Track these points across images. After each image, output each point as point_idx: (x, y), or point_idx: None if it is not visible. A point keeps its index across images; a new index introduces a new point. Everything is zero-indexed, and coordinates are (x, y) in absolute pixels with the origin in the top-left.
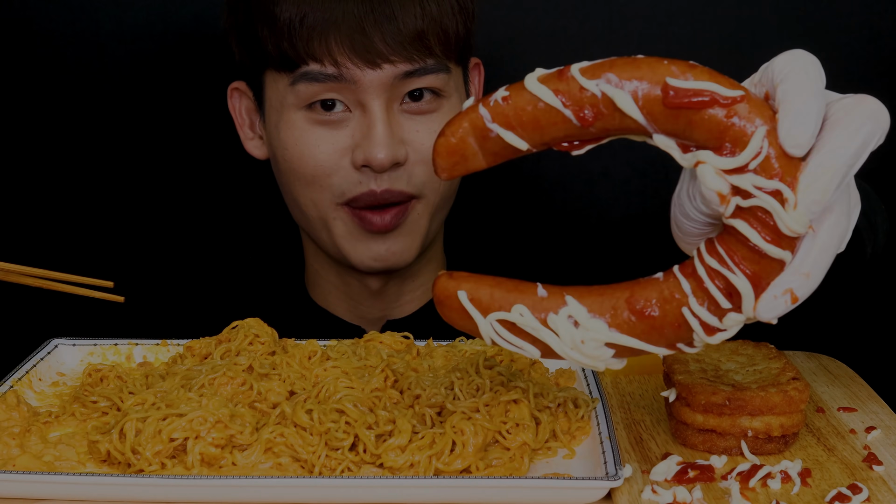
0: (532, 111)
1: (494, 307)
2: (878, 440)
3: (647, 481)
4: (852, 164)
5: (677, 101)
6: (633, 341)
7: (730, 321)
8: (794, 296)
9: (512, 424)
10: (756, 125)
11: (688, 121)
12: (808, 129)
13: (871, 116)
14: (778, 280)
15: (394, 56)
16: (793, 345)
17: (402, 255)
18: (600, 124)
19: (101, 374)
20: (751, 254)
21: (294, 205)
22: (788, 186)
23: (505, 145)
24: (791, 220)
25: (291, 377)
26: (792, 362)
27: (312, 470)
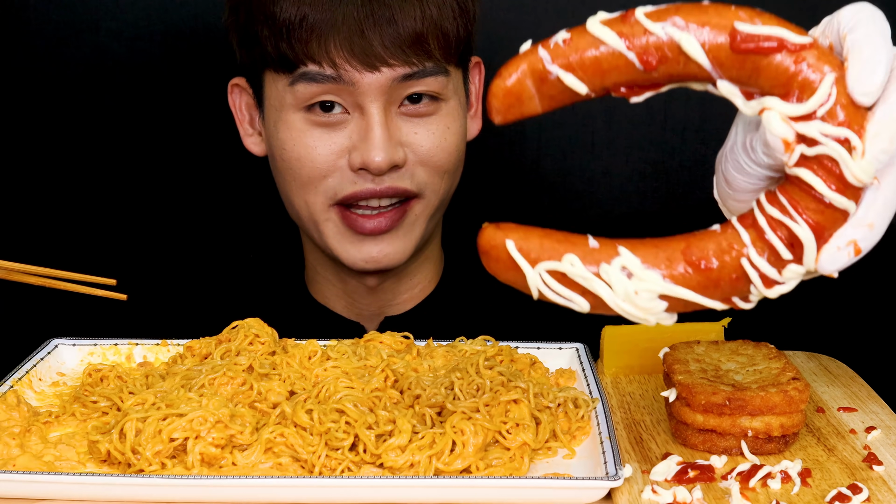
0: (594, 54)
1: (544, 257)
2: (878, 440)
3: (647, 481)
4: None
5: (745, 45)
6: (688, 293)
7: (790, 273)
8: (858, 247)
9: (512, 424)
10: (825, 72)
11: (754, 66)
12: (878, 77)
13: None
14: (841, 231)
15: (392, 59)
16: (793, 345)
17: (395, 256)
18: (664, 69)
19: (101, 374)
20: (815, 203)
21: (288, 203)
22: (856, 134)
23: (564, 88)
24: (858, 168)
25: (291, 377)
26: (792, 362)
27: (312, 470)
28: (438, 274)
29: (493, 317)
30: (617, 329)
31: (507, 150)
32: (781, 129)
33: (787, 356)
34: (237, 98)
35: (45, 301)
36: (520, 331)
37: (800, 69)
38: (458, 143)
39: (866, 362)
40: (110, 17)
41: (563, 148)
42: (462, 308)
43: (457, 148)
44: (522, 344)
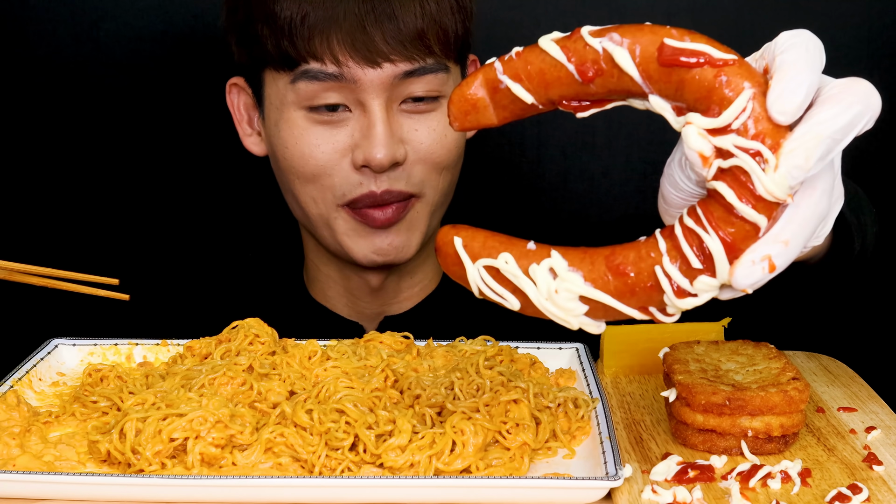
0: (539, 64)
1: (483, 254)
2: (878, 440)
3: (647, 481)
4: (839, 138)
5: (671, 58)
6: (605, 297)
7: (702, 285)
8: (773, 263)
9: (512, 424)
10: (743, 87)
11: (680, 80)
12: (797, 98)
13: (864, 97)
14: (756, 246)
15: (394, 55)
16: (793, 345)
17: (403, 249)
18: (600, 81)
19: (101, 374)
20: (727, 215)
21: (294, 202)
22: (770, 150)
23: (513, 98)
24: (770, 182)
25: (291, 377)
26: (792, 362)
27: (312, 470)
28: (438, 273)
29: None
30: (617, 329)
31: (507, 151)
32: (698, 143)
33: (787, 356)
34: (235, 98)
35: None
36: (520, 331)
37: (719, 83)
38: (459, 140)
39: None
40: (110, 18)
41: (563, 148)
42: (462, 308)
43: (457, 144)
44: (522, 344)
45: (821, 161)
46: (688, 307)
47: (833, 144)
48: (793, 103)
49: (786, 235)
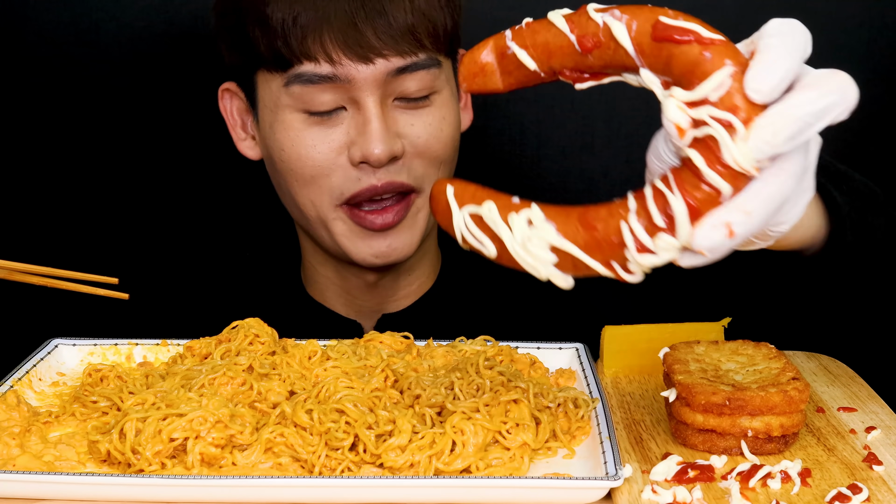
0: (544, 34)
1: (470, 201)
2: (878, 440)
3: (647, 481)
4: (810, 122)
5: (663, 34)
6: (573, 248)
7: (662, 243)
8: (732, 231)
9: (512, 424)
10: (725, 64)
11: (669, 55)
12: (773, 78)
13: (840, 88)
14: (717, 211)
15: (386, 50)
16: (793, 345)
17: (403, 250)
18: (598, 53)
19: (101, 374)
20: (694, 180)
21: (292, 204)
22: (742, 123)
23: (518, 64)
24: (738, 152)
25: (291, 377)
26: (792, 362)
27: (312, 470)
28: (436, 271)
29: (493, 316)
30: (617, 329)
31: (506, 150)
32: (675, 115)
33: (787, 356)
34: (228, 103)
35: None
36: (520, 331)
37: (703, 59)
38: (454, 133)
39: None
40: (110, 18)
41: (563, 148)
42: (461, 307)
43: (452, 138)
44: (522, 344)
45: (790, 141)
46: (646, 264)
47: (804, 127)
48: (768, 82)
49: (749, 206)
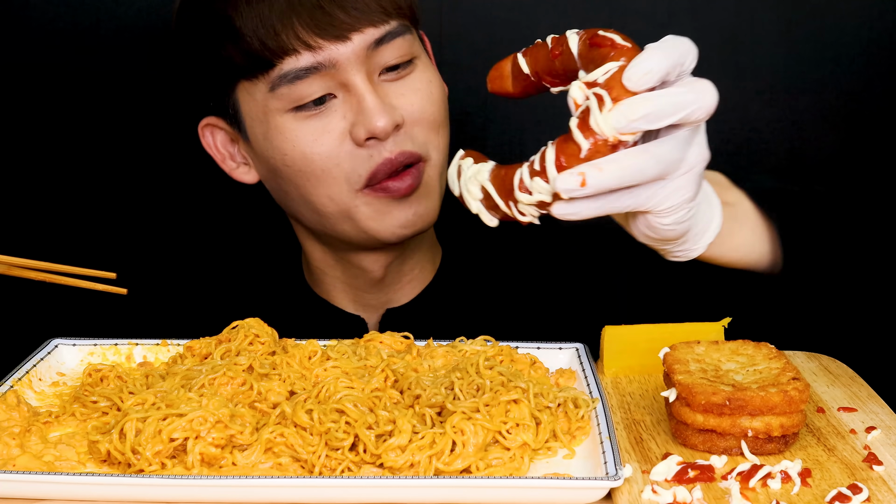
0: (540, 48)
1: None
2: (878, 440)
3: (647, 481)
4: (666, 111)
5: (593, 40)
6: (491, 189)
7: (536, 185)
8: (584, 181)
9: (512, 424)
10: (619, 59)
11: (594, 55)
12: (640, 70)
13: (699, 92)
14: (579, 164)
15: (359, 24)
16: (793, 345)
17: (427, 216)
18: (560, 59)
19: (101, 374)
20: (568, 138)
21: (307, 208)
22: (612, 100)
23: (521, 71)
24: (602, 119)
25: (291, 377)
26: (792, 362)
27: (312, 470)
28: (435, 261)
29: (493, 316)
30: (617, 329)
31: (506, 150)
32: (574, 92)
33: (787, 356)
34: (210, 139)
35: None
36: (520, 331)
37: (608, 56)
38: (443, 95)
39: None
40: (110, 17)
41: None
42: (461, 307)
43: (442, 99)
44: (522, 344)
45: (643, 119)
46: (524, 201)
47: (658, 114)
48: (636, 73)
49: (602, 165)
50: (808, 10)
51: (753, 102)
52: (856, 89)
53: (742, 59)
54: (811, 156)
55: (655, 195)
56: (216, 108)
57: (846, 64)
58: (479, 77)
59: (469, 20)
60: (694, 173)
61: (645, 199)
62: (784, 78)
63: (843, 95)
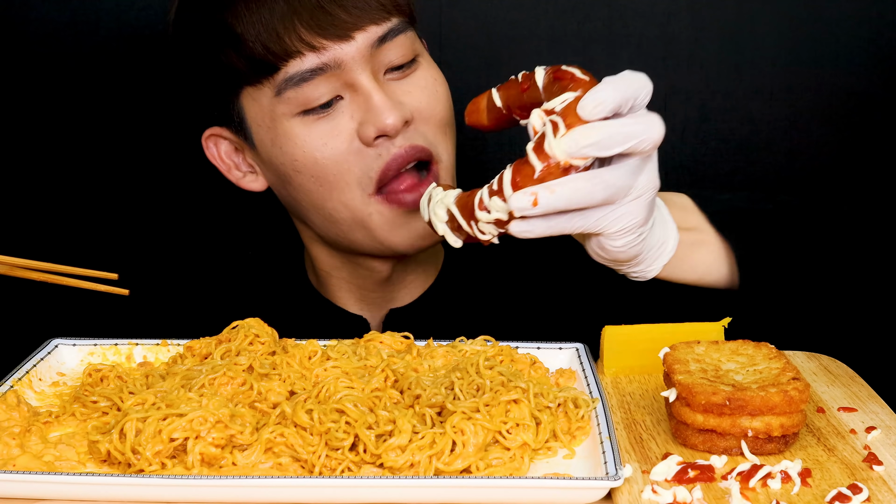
0: (511, 81)
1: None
2: (878, 440)
3: (647, 481)
4: (617, 142)
5: (555, 75)
6: (455, 210)
7: (494, 203)
8: (536, 200)
9: (512, 424)
10: (576, 91)
11: (554, 88)
12: (594, 100)
13: (647, 125)
14: (533, 185)
15: (361, 22)
16: (793, 345)
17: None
18: (528, 92)
19: (101, 374)
20: (525, 161)
21: (316, 215)
22: (568, 127)
23: (494, 105)
24: (554, 143)
25: (291, 377)
26: (792, 362)
27: (312, 470)
28: (438, 262)
29: (493, 316)
30: (617, 329)
31: (506, 149)
32: (533, 119)
33: (787, 356)
34: (214, 150)
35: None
36: (520, 331)
37: (568, 88)
38: (447, 94)
39: (866, 362)
40: (110, 17)
41: None
42: (464, 307)
43: (447, 98)
44: (522, 344)
45: (592, 146)
46: (482, 219)
47: (607, 142)
48: (589, 104)
49: (554, 188)
50: (808, 10)
51: (753, 102)
52: (856, 89)
53: (742, 59)
54: (811, 156)
55: (605, 218)
56: (220, 116)
57: (846, 64)
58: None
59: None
60: (643, 200)
61: (595, 222)
62: (784, 78)
63: (843, 95)
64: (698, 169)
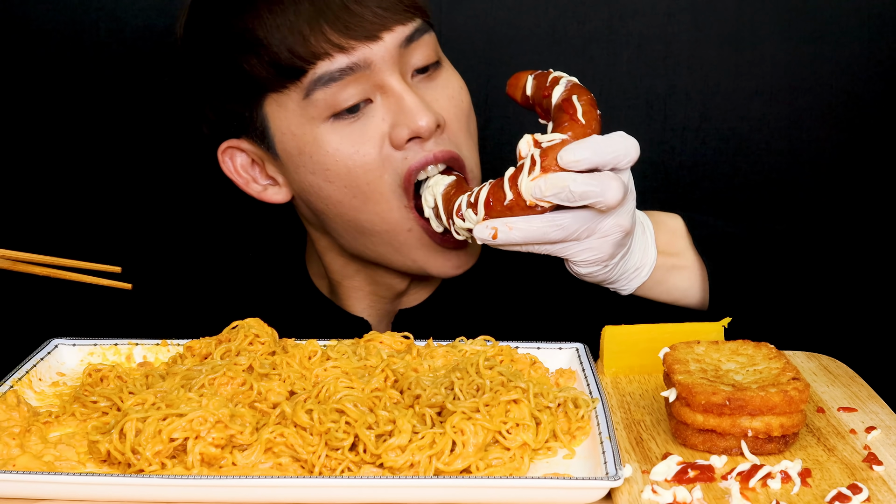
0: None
1: None
2: (878, 440)
3: (647, 481)
4: (575, 198)
5: (562, 102)
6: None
7: (467, 213)
8: (496, 234)
9: (512, 424)
10: (566, 134)
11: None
12: (573, 156)
13: (602, 188)
14: (497, 218)
15: (388, 22)
16: (793, 345)
17: (477, 253)
18: (547, 100)
19: (101, 374)
20: (500, 186)
21: (344, 227)
22: (542, 168)
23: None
24: (525, 182)
25: (291, 377)
26: (792, 362)
27: (312, 470)
28: None
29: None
30: (617, 329)
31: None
32: (521, 145)
33: (787, 356)
34: (230, 164)
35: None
36: (520, 331)
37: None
38: (468, 95)
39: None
40: (110, 18)
41: None
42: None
43: (469, 100)
44: (522, 344)
45: (553, 197)
46: (458, 225)
47: (566, 197)
48: (567, 157)
49: (513, 224)
50: (808, 11)
51: (753, 102)
52: (856, 89)
53: (742, 59)
54: (811, 156)
55: (568, 249)
56: (238, 127)
57: (846, 63)
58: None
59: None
60: (609, 240)
61: (559, 249)
62: (784, 78)
63: (843, 95)
64: (698, 169)
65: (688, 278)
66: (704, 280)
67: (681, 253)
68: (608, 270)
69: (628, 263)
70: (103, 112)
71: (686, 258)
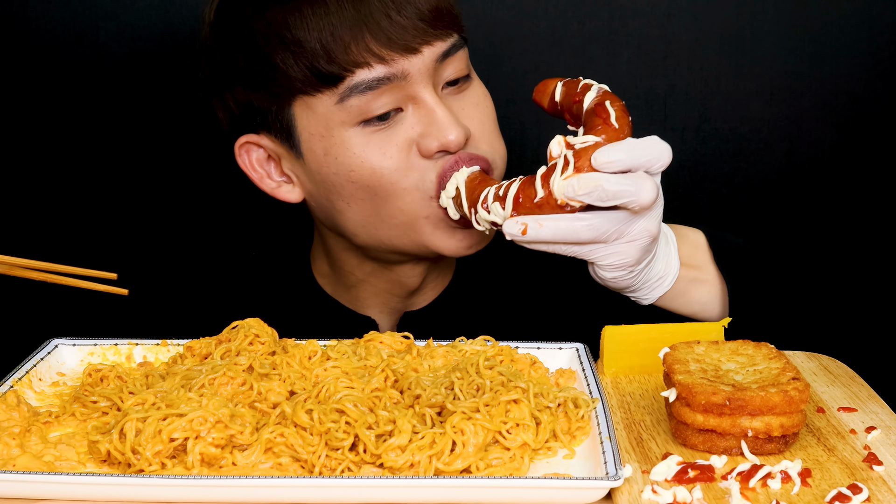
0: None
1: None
2: (878, 440)
3: (647, 481)
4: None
5: (595, 107)
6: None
7: (493, 207)
8: (525, 230)
9: (512, 424)
10: (600, 137)
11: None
12: (607, 158)
13: (641, 188)
14: (526, 215)
15: (427, 37)
16: (793, 345)
17: (491, 234)
18: (579, 105)
19: (101, 374)
20: (531, 183)
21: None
22: (576, 168)
23: (554, 92)
24: (558, 181)
25: (292, 377)
26: (792, 362)
27: (312, 470)
28: (454, 262)
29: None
30: (617, 329)
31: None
32: (553, 145)
33: (787, 356)
34: (246, 158)
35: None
36: (520, 331)
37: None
38: (494, 110)
39: (866, 362)
40: (110, 18)
41: None
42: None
43: (494, 110)
44: (522, 344)
45: (586, 195)
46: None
47: (601, 196)
48: (601, 158)
49: (544, 222)
50: (808, 10)
51: (753, 102)
52: (856, 89)
53: (742, 59)
54: (811, 156)
55: (595, 252)
56: (261, 123)
57: (846, 63)
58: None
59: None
60: (637, 244)
61: (586, 252)
62: (784, 77)
63: (843, 95)
64: (698, 169)
65: (708, 292)
66: (724, 296)
67: (702, 267)
68: (633, 276)
69: (652, 272)
70: (103, 112)
71: (707, 272)
